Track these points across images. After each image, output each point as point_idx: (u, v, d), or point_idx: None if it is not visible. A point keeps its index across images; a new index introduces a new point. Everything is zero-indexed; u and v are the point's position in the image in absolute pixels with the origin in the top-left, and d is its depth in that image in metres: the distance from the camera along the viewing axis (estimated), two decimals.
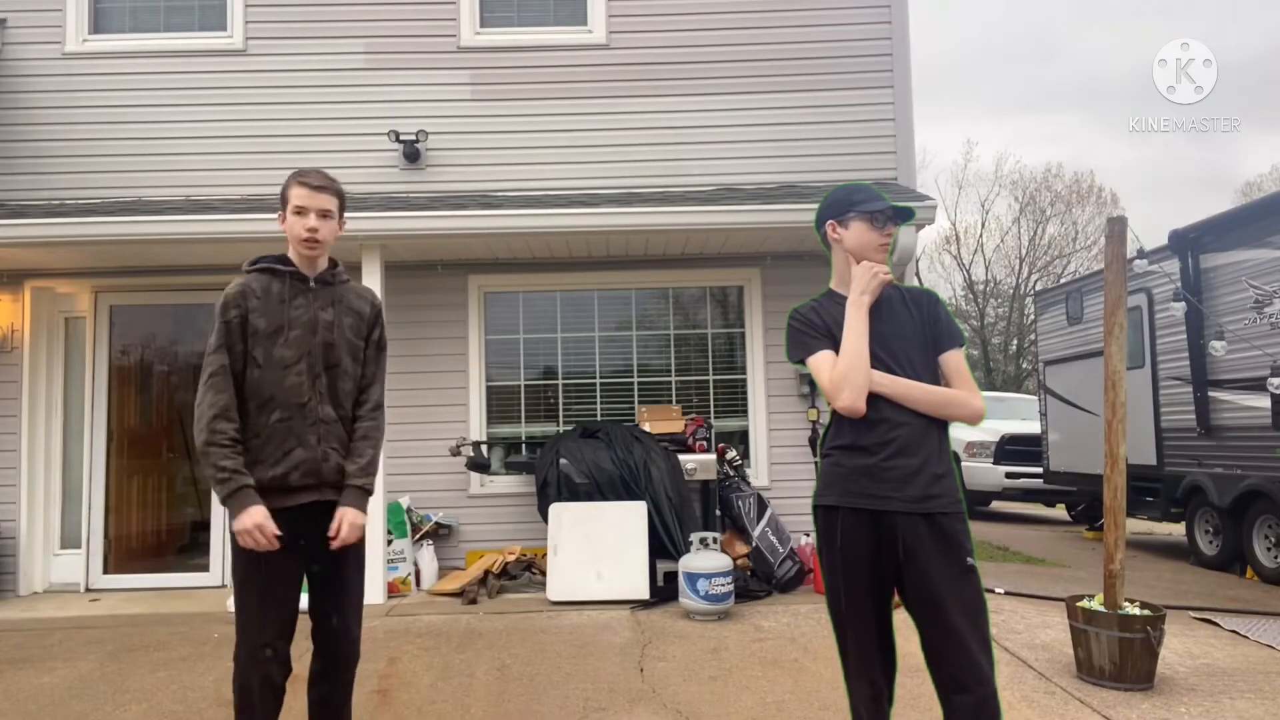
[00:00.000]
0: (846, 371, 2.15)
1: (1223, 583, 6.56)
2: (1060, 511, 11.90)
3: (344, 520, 2.42)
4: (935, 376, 2.21)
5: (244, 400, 2.41)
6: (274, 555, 2.33)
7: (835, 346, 2.21)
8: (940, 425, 2.18)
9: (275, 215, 2.61)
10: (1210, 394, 7.05)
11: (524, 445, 6.59)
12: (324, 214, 2.49)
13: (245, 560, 2.36)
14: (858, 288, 2.22)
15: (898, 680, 2.24)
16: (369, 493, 2.53)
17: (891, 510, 2.12)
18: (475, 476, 6.42)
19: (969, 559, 2.11)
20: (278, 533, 2.31)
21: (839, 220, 2.28)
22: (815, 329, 2.26)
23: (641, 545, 5.51)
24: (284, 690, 2.41)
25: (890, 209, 2.25)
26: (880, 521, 2.14)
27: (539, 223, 5.82)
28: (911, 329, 2.23)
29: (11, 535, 6.20)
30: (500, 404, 6.74)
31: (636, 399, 6.73)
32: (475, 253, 6.42)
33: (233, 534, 2.36)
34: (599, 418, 6.62)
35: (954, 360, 2.23)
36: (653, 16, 6.69)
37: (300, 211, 2.46)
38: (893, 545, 2.13)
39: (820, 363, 2.22)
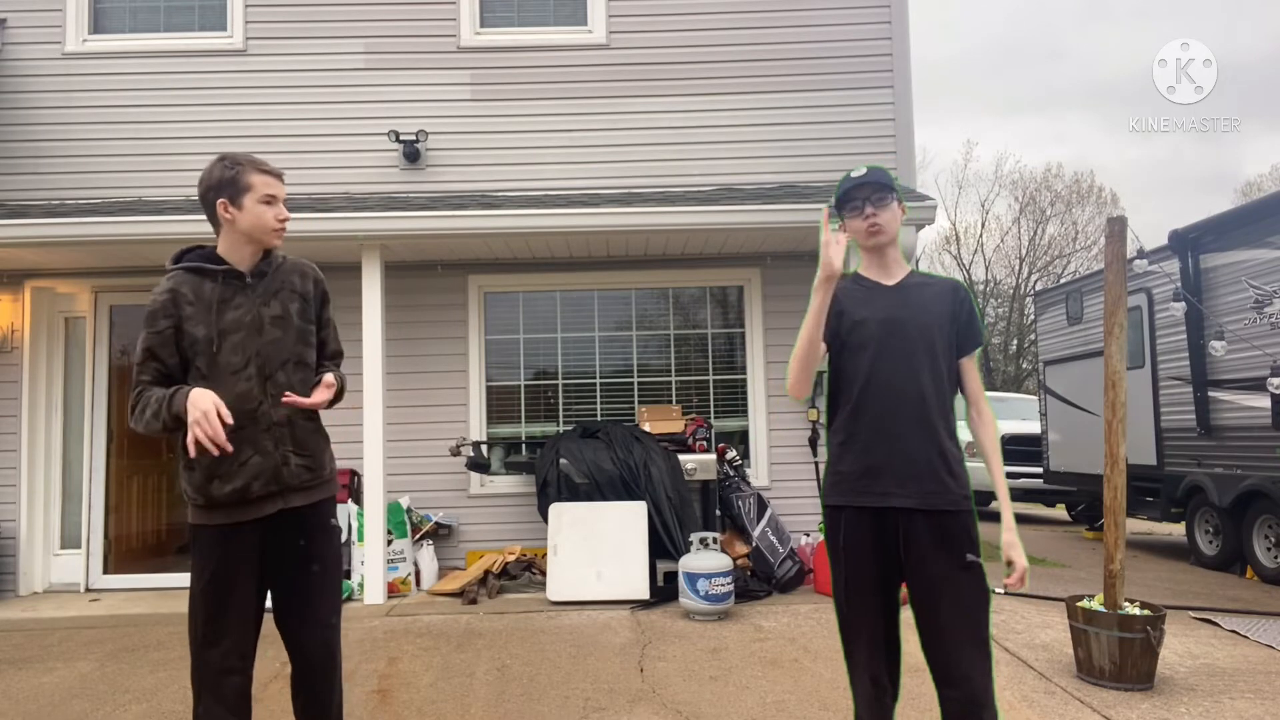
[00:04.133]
0: (792, 360, 2.21)
1: (1223, 583, 6.56)
2: (1060, 511, 11.90)
3: (324, 379, 2.35)
4: (947, 368, 2.20)
5: None
6: (240, 572, 2.24)
7: (831, 329, 2.21)
8: (944, 422, 2.18)
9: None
10: (1210, 394, 7.05)
11: (524, 445, 6.59)
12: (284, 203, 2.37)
13: (210, 576, 2.24)
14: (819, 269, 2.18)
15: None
16: (342, 389, 2.43)
17: (893, 507, 2.14)
18: (475, 476, 6.42)
19: (969, 555, 2.13)
20: (229, 421, 2.10)
21: (840, 219, 2.34)
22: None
23: (641, 545, 5.51)
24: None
25: (848, 197, 2.29)
26: (883, 518, 2.15)
27: (539, 223, 5.83)
28: (935, 316, 2.22)
29: (11, 535, 6.21)
30: (500, 404, 6.74)
31: (636, 399, 6.73)
32: (475, 253, 6.42)
33: (192, 550, 2.24)
34: (599, 418, 6.62)
35: (970, 366, 2.27)
36: (653, 16, 6.69)
37: (270, 200, 2.30)
38: (895, 541, 2.15)
39: None
